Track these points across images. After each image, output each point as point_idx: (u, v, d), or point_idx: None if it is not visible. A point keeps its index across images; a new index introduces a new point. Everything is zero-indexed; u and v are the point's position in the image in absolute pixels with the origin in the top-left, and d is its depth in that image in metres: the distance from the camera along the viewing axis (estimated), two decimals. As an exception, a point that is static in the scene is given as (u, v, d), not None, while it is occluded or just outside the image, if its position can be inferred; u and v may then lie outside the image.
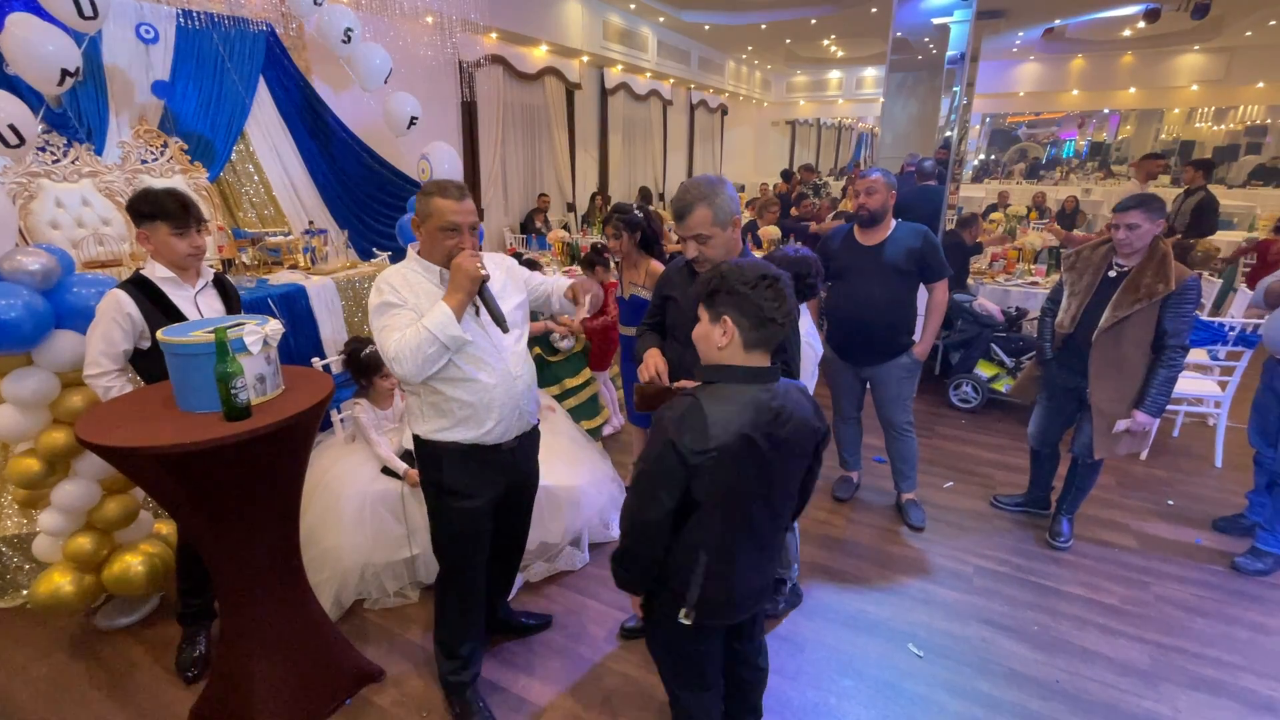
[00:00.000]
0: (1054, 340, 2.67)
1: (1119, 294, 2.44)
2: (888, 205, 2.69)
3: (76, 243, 3.07)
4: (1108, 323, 2.44)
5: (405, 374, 1.61)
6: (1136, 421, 2.48)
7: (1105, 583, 2.60)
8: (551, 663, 2.19)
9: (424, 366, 1.60)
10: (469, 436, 1.75)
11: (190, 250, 2.00)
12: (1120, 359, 2.45)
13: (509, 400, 1.77)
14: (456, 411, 1.73)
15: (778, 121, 15.76)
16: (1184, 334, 2.38)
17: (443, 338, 1.58)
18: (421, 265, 1.72)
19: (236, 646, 1.84)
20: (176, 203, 1.96)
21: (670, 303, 1.96)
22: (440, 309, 1.59)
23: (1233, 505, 3.12)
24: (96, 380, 1.93)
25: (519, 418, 1.82)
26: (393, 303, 1.65)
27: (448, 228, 1.65)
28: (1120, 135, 13.59)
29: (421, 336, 1.57)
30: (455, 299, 1.61)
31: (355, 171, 4.62)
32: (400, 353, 1.58)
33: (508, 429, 1.80)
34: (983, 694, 2.06)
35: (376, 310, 1.66)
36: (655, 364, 1.76)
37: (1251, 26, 9.30)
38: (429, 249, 1.71)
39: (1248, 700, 2.04)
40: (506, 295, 1.79)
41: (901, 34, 5.51)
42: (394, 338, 1.60)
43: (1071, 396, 2.70)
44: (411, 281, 1.69)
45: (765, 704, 2.03)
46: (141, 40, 3.55)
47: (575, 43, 7.85)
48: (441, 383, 1.70)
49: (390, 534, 2.41)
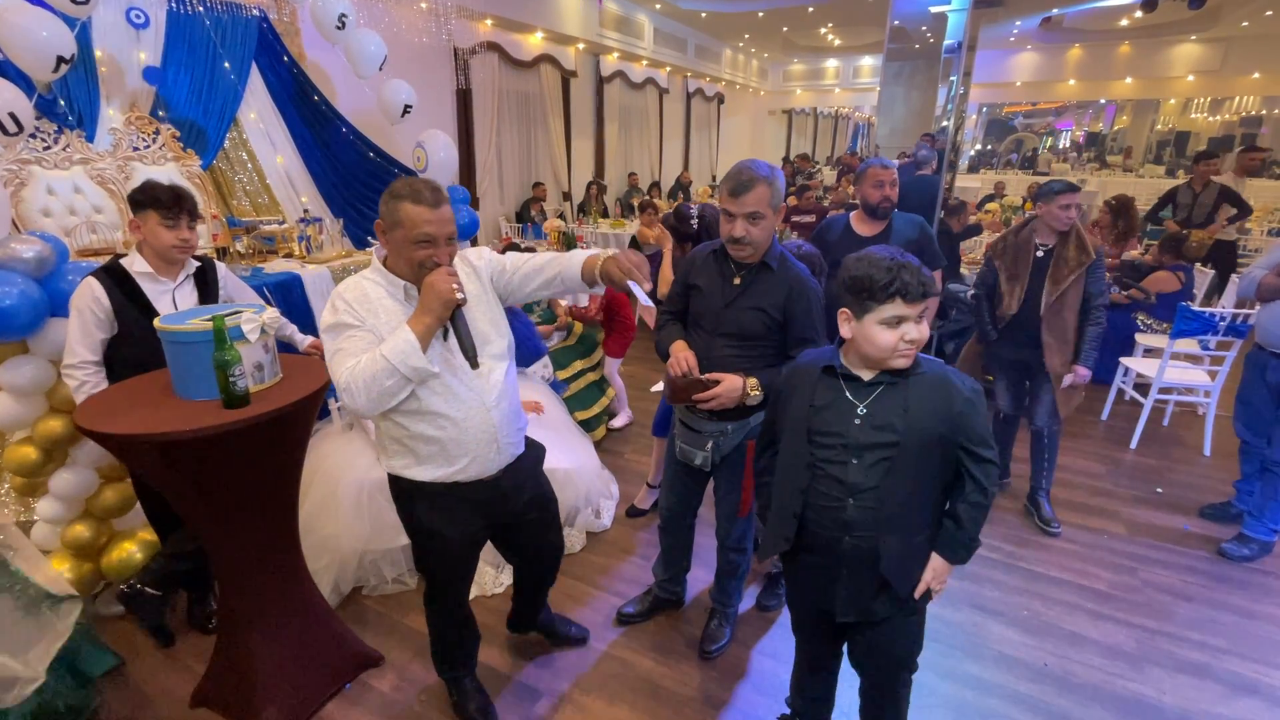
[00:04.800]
0: (995, 321, 2.89)
1: (1053, 269, 2.69)
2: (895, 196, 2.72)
3: (69, 231, 3.05)
4: (1051, 296, 2.68)
5: (358, 408, 1.39)
6: (1079, 375, 2.73)
7: (1094, 568, 2.65)
8: (548, 648, 2.21)
9: (380, 400, 1.39)
10: (439, 475, 1.55)
11: (176, 242, 1.99)
12: (1064, 326, 2.72)
13: (483, 435, 1.54)
14: (421, 449, 1.52)
15: (774, 110, 15.71)
16: (1105, 294, 2.72)
17: (404, 369, 1.36)
18: (385, 278, 1.48)
19: (237, 632, 1.85)
20: (170, 193, 1.97)
21: (695, 291, 1.89)
22: (403, 335, 1.37)
23: (1221, 493, 3.16)
24: (73, 371, 1.92)
25: (497, 452, 1.58)
26: (347, 322, 1.42)
27: (420, 240, 1.41)
28: (1116, 125, 13.60)
29: (378, 366, 1.35)
30: (422, 323, 1.38)
31: (350, 159, 4.58)
32: (352, 383, 1.36)
33: (485, 466, 1.58)
34: (973, 676, 2.10)
35: (328, 331, 1.43)
36: (686, 358, 1.77)
37: (1248, 17, 9.31)
38: (395, 260, 1.47)
39: (1232, 683, 2.09)
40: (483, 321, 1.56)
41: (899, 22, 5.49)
42: (346, 365, 1.38)
43: (1020, 367, 2.92)
44: (371, 297, 1.45)
45: (761, 689, 2.07)
46: (132, 25, 3.51)
47: (571, 30, 7.78)
48: (402, 415, 1.49)
49: (388, 521, 2.42)
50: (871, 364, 1.35)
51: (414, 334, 1.37)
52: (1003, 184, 9.96)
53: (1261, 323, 2.65)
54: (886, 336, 1.28)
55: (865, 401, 1.35)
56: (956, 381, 1.32)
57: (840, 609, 1.43)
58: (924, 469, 1.33)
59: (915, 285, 1.25)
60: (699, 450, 1.96)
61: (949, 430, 1.31)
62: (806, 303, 1.80)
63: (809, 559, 1.45)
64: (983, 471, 1.34)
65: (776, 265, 1.82)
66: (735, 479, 2.00)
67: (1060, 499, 3.11)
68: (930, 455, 1.32)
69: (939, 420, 1.30)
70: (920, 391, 1.31)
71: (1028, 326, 2.76)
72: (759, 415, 1.92)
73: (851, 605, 1.42)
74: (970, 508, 1.35)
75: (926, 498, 1.36)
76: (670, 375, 1.81)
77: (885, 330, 1.28)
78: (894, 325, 1.27)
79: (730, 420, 1.90)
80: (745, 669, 2.14)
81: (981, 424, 1.32)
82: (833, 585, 1.42)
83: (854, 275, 1.30)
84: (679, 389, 1.79)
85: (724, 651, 2.19)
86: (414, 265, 1.44)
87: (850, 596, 1.41)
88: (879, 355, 1.31)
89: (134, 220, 1.99)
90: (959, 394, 1.31)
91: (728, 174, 1.75)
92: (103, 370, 1.97)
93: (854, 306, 1.32)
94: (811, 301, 1.82)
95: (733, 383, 1.75)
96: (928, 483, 1.35)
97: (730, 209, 1.74)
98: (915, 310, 1.27)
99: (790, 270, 1.83)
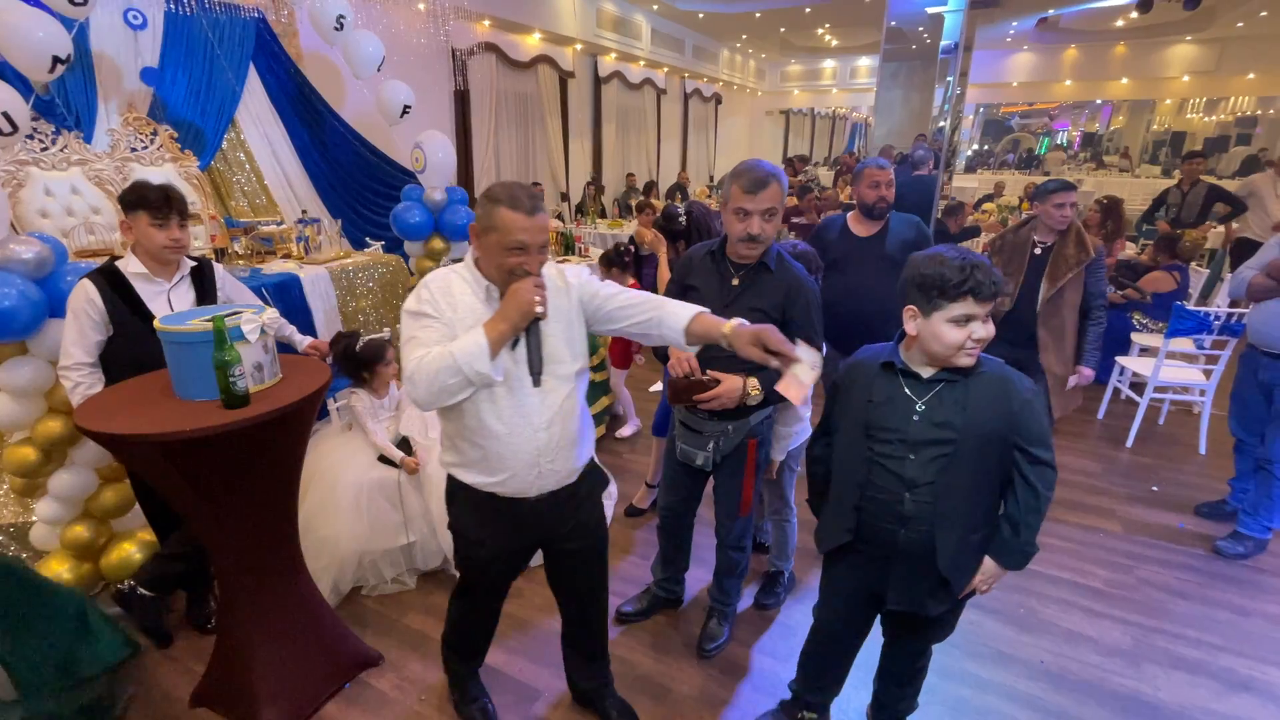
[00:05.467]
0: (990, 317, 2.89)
1: (1050, 267, 2.70)
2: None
3: (67, 232, 3.04)
4: (1047, 294, 2.70)
5: (417, 398, 1.39)
6: (1083, 376, 2.75)
7: (1090, 566, 2.66)
8: (549, 647, 2.21)
9: (439, 396, 1.38)
10: (481, 482, 1.53)
11: (168, 242, 1.99)
12: (1060, 325, 2.73)
13: (525, 455, 1.49)
14: (467, 452, 1.52)
15: (772, 111, 15.72)
16: (1105, 293, 2.74)
17: (468, 371, 1.35)
18: (472, 275, 1.48)
19: (237, 632, 1.86)
20: (159, 193, 1.96)
21: (692, 292, 1.88)
22: (474, 337, 1.35)
23: (1215, 491, 3.18)
24: (68, 372, 1.93)
25: (537, 476, 1.51)
26: (426, 312, 1.43)
27: (514, 247, 1.38)
28: (1112, 126, 13.65)
29: (444, 363, 1.34)
30: (496, 329, 1.36)
31: (348, 160, 4.59)
32: (417, 373, 1.37)
33: (525, 486, 1.52)
34: (970, 674, 2.11)
35: (408, 316, 1.45)
36: (687, 359, 1.77)
37: (1242, 18, 9.34)
38: (486, 263, 1.45)
39: (1226, 679, 2.10)
40: (559, 339, 1.49)
41: (895, 23, 5.51)
42: (416, 354, 1.38)
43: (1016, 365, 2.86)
44: (455, 291, 1.46)
45: (760, 688, 2.08)
46: (130, 26, 3.51)
47: (568, 30, 7.79)
48: (454, 416, 1.49)
49: (387, 521, 2.43)
50: (935, 361, 1.37)
51: (486, 338, 1.35)
52: (1001, 184, 9.99)
53: (1253, 323, 2.67)
54: (955, 334, 1.30)
55: (924, 398, 1.38)
56: (1016, 381, 1.35)
57: (893, 597, 1.47)
58: (981, 467, 1.36)
59: (988, 284, 1.28)
60: (701, 450, 1.96)
61: (1007, 429, 1.33)
62: (805, 303, 1.82)
63: (864, 550, 1.50)
64: (1038, 474, 1.35)
65: (774, 265, 1.83)
66: (736, 478, 2.01)
67: (1056, 497, 3.10)
68: (988, 453, 1.35)
69: (997, 419, 1.33)
70: (979, 390, 1.34)
71: (1023, 325, 2.78)
72: (759, 414, 1.94)
73: (905, 595, 1.47)
74: (1028, 512, 1.36)
75: (984, 495, 1.39)
76: (671, 376, 1.82)
77: (954, 328, 1.30)
78: (963, 324, 1.29)
79: (731, 420, 1.90)
80: (745, 668, 2.15)
81: (1038, 424, 1.34)
82: (886, 574, 1.47)
83: (925, 273, 1.31)
84: (680, 390, 1.79)
85: (723, 650, 2.20)
86: (504, 271, 1.41)
87: (904, 587, 1.46)
88: (945, 353, 1.33)
89: (125, 221, 1.99)
90: (1017, 394, 1.33)
91: (737, 172, 1.75)
92: (98, 371, 1.97)
93: (922, 304, 1.33)
94: (810, 301, 1.83)
95: (733, 383, 1.76)
96: (985, 480, 1.37)
97: (746, 206, 1.74)
98: (985, 309, 1.30)
99: (788, 270, 1.84)
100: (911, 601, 1.46)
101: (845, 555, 1.56)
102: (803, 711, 1.84)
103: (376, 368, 2.62)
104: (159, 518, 2.22)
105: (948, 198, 6.05)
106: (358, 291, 3.64)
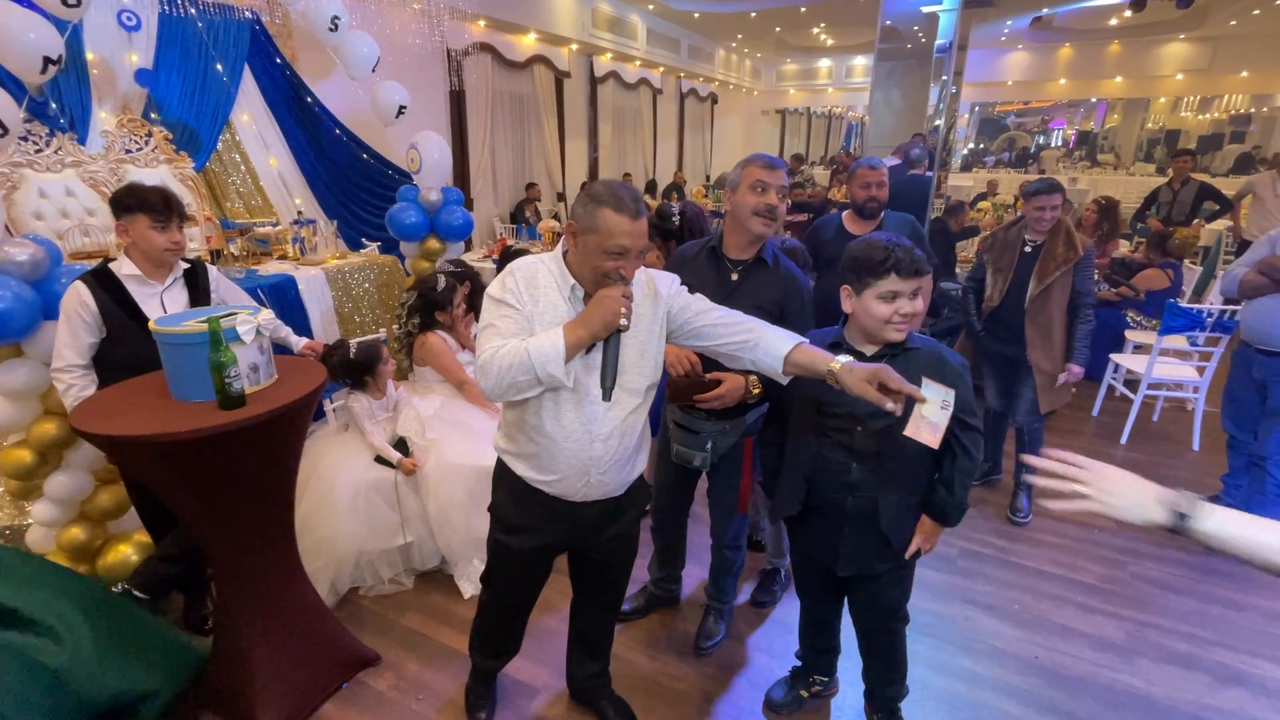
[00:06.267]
0: (980, 314, 2.97)
1: (1039, 265, 2.72)
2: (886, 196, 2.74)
3: (61, 234, 3.04)
4: (1035, 291, 2.72)
5: (486, 389, 1.37)
6: (1072, 373, 2.77)
7: (1084, 562, 2.68)
8: (546, 645, 2.22)
9: (507, 390, 1.35)
10: (529, 476, 1.51)
11: (168, 245, 1.99)
12: (1048, 322, 2.76)
13: (577, 463, 1.46)
14: (523, 444, 1.50)
15: (768, 110, 15.73)
16: (1093, 292, 2.75)
17: (540, 372, 1.31)
18: (559, 270, 1.42)
19: (234, 633, 1.86)
20: (159, 196, 1.96)
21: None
22: (552, 339, 1.31)
23: (1209, 487, 3.19)
24: (60, 374, 1.93)
25: (586, 485, 1.49)
26: (508, 301, 1.39)
27: (614, 251, 1.32)
28: (1107, 124, 13.70)
29: (517, 359, 1.31)
30: (576, 335, 1.31)
31: (343, 161, 4.59)
32: (489, 364, 1.33)
33: (572, 490, 1.50)
34: (965, 670, 2.12)
35: (490, 302, 1.41)
36: (688, 357, 1.76)
37: (1235, 16, 9.40)
38: (579, 261, 1.39)
39: (1219, 673, 2.12)
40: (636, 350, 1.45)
41: (890, 22, 5.53)
42: (492, 343, 1.35)
43: (1006, 363, 2.94)
44: (539, 284, 1.41)
45: (757, 684, 2.09)
46: (124, 27, 3.50)
47: (564, 31, 7.79)
48: (516, 409, 1.47)
49: (384, 522, 2.44)
50: (872, 339, 1.49)
51: (564, 341, 1.31)
52: (995, 182, 10.02)
53: (1245, 319, 2.69)
54: (882, 309, 1.43)
55: None
56: (948, 355, 1.49)
57: (842, 564, 1.60)
58: None
59: (908, 262, 1.39)
60: (698, 451, 1.95)
61: None
62: (801, 299, 1.85)
63: (815, 520, 1.62)
64: (971, 439, 1.48)
65: (771, 261, 1.85)
66: (732, 477, 2.02)
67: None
68: None
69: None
70: (916, 364, 1.43)
71: (1012, 321, 2.80)
72: (756, 413, 1.94)
73: (852, 560, 1.59)
74: (959, 473, 1.50)
75: (922, 461, 1.51)
76: (671, 375, 1.81)
77: (881, 304, 1.43)
78: (889, 299, 1.42)
79: (729, 419, 1.91)
80: (741, 664, 2.16)
81: (969, 395, 1.46)
82: (836, 543, 1.60)
83: (855, 255, 1.46)
84: (680, 389, 1.79)
85: (719, 648, 2.21)
86: (597, 274, 1.35)
87: (851, 553, 1.58)
88: (876, 327, 1.45)
89: (120, 224, 1.97)
90: (950, 367, 1.46)
91: (751, 158, 1.83)
92: (91, 373, 1.97)
93: (854, 283, 1.47)
94: (805, 297, 1.86)
95: (735, 382, 1.76)
96: (922, 447, 1.45)
97: (765, 179, 1.77)
98: (909, 286, 1.41)
99: (784, 267, 1.87)
100: (859, 564, 1.59)
101: (803, 535, 1.72)
102: (813, 675, 1.98)
103: (376, 368, 2.62)
104: (154, 519, 2.22)
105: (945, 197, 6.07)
106: (354, 293, 3.64)
